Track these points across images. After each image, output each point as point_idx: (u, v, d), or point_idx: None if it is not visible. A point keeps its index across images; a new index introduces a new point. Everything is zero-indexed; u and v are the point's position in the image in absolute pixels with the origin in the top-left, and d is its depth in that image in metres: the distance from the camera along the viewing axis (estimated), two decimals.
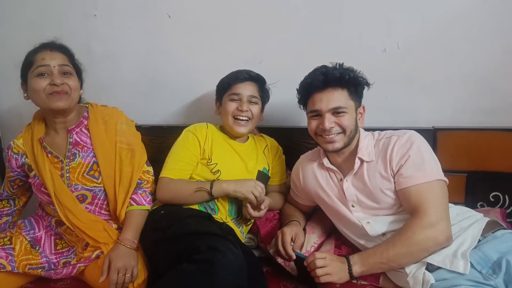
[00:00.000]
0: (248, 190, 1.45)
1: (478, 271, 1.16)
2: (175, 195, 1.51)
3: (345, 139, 1.37)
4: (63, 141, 1.49)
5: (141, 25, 1.92)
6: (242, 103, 1.57)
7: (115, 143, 1.51)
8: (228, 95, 1.60)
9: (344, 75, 1.36)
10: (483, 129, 1.73)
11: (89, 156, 1.48)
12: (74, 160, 1.47)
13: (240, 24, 1.85)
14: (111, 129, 1.52)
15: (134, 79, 1.99)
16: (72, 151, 1.47)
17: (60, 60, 1.41)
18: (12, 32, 2.01)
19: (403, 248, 1.22)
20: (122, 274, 1.31)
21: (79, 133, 1.50)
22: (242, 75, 1.59)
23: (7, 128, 2.15)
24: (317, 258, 1.25)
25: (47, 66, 1.37)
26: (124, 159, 1.51)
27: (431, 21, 1.74)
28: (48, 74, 1.38)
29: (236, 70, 1.64)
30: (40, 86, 1.37)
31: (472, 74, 1.76)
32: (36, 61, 1.39)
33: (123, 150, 1.52)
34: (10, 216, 1.63)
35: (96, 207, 1.50)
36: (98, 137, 1.49)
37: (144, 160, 1.57)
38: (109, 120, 1.54)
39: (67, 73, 1.41)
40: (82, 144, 1.49)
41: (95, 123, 1.51)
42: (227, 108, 1.59)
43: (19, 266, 1.40)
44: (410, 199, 1.27)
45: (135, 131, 1.60)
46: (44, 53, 1.40)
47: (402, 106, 1.83)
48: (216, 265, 1.13)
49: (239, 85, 1.59)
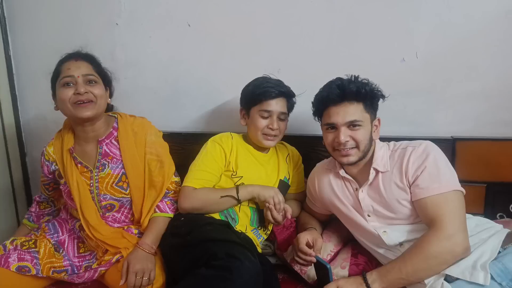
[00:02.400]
0: (271, 195, 1.49)
1: (498, 283, 1.14)
2: (201, 204, 1.50)
3: (359, 153, 1.37)
4: (93, 151, 1.51)
5: (162, 33, 1.96)
6: (273, 120, 1.56)
7: (145, 154, 1.52)
8: (258, 110, 1.56)
9: (361, 89, 1.35)
10: (502, 139, 1.71)
11: (118, 167, 1.50)
12: (103, 170, 1.49)
13: (259, 33, 1.88)
14: (141, 141, 1.53)
15: (156, 86, 2.03)
16: (101, 162, 1.49)
17: (85, 70, 1.43)
18: (40, 40, 2.07)
19: (421, 262, 1.21)
20: (140, 277, 1.34)
21: (109, 144, 1.51)
22: (273, 91, 1.55)
23: (32, 134, 2.22)
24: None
25: (71, 77, 1.40)
26: (153, 170, 1.53)
27: (452, 32, 1.73)
28: (73, 84, 1.40)
29: (263, 79, 1.60)
30: (66, 95, 1.40)
31: (493, 87, 1.74)
32: (62, 71, 1.42)
33: (152, 161, 1.53)
34: (51, 216, 1.69)
35: (122, 215, 1.54)
36: (128, 150, 1.50)
37: (172, 170, 1.59)
38: (139, 132, 1.55)
39: (92, 82, 1.44)
40: (111, 156, 1.50)
41: (125, 135, 1.52)
42: (257, 125, 1.57)
43: (43, 269, 1.44)
44: (427, 210, 1.26)
45: (163, 142, 1.61)
46: (69, 63, 1.43)
47: (421, 117, 1.82)
48: (233, 272, 1.14)
49: (271, 102, 1.55)
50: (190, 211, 1.51)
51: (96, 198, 1.48)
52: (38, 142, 2.12)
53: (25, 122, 2.21)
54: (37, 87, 2.10)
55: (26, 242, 1.50)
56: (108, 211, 1.51)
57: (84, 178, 1.49)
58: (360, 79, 1.39)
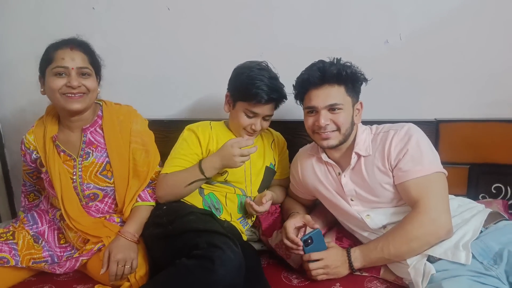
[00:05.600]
0: (236, 164, 1.40)
1: (480, 262, 1.16)
2: (172, 189, 1.47)
3: (340, 137, 1.36)
4: (76, 139, 1.48)
5: (142, 18, 1.92)
6: (257, 121, 1.52)
7: (129, 143, 1.50)
8: (245, 108, 1.50)
9: (342, 71, 1.33)
10: (485, 120, 1.71)
11: (103, 156, 1.48)
12: (87, 159, 1.47)
13: (241, 17, 1.85)
14: (126, 129, 1.51)
15: (137, 73, 1.99)
16: (85, 150, 1.47)
17: (80, 62, 1.39)
18: (12, 28, 2.00)
19: (404, 244, 1.22)
20: (122, 266, 1.32)
21: (93, 132, 1.49)
22: (264, 97, 1.46)
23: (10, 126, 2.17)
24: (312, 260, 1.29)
25: (65, 68, 1.37)
26: (138, 159, 1.51)
27: (435, 14, 1.72)
28: (66, 74, 1.37)
29: (257, 75, 1.48)
30: (56, 85, 1.37)
31: (476, 68, 1.74)
32: (56, 60, 1.37)
33: (137, 150, 1.51)
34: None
35: (106, 206, 1.52)
36: (112, 138, 1.48)
37: (157, 160, 1.57)
38: (124, 120, 1.52)
39: (86, 74, 1.41)
40: (96, 144, 1.48)
41: (110, 123, 1.50)
42: (240, 121, 1.52)
43: (23, 260, 1.41)
44: (410, 193, 1.27)
45: (149, 131, 1.59)
46: (64, 52, 1.38)
47: (404, 100, 1.81)
48: (215, 262, 1.13)
49: (260, 107, 1.49)
50: (165, 198, 1.50)
51: (79, 187, 1.46)
52: (17, 135, 2.06)
53: (2, 115, 2.15)
54: (13, 77, 2.05)
55: (4, 234, 1.46)
56: (92, 200, 1.49)
57: (67, 167, 1.46)
58: (343, 62, 1.37)
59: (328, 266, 1.29)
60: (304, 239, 1.31)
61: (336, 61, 1.37)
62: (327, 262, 1.29)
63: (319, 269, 1.29)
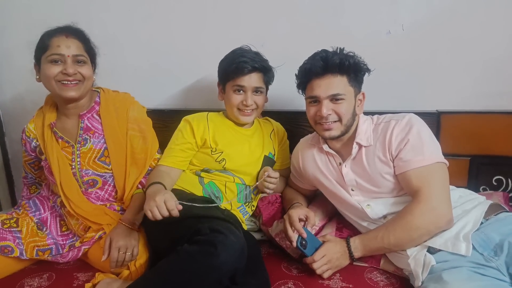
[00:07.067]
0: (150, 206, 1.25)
1: (480, 253, 1.16)
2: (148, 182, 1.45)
3: (341, 127, 1.35)
4: (74, 126, 1.49)
5: (141, 8, 1.90)
6: (247, 96, 1.52)
7: (127, 130, 1.50)
8: (232, 85, 1.53)
9: (344, 61, 1.32)
10: (487, 112, 1.71)
11: (101, 142, 1.48)
12: (85, 145, 1.47)
13: (243, 6, 1.83)
14: (122, 116, 1.51)
15: (135, 63, 1.98)
16: (83, 136, 1.47)
17: (75, 50, 1.39)
18: (11, 18, 1.99)
19: (404, 233, 1.23)
20: (123, 252, 1.33)
21: (91, 118, 1.49)
22: (247, 67, 1.49)
23: (10, 115, 2.16)
24: (316, 261, 1.29)
25: (61, 55, 1.36)
26: (135, 146, 1.51)
27: (438, 4, 1.70)
28: (61, 62, 1.37)
29: (239, 53, 1.53)
30: (52, 73, 1.37)
31: (478, 59, 1.73)
32: (51, 47, 1.37)
33: (134, 137, 1.51)
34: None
35: (106, 193, 1.52)
36: (109, 124, 1.48)
37: (156, 147, 1.57)
38: (121, 107, 1.52)
39: (81, 62, 1.40)
40: (93, 130, 1.49)
41: (107, 109, 1.50)
42: (231, 100, 1.54)
43: (27, 248, 1.41)
44: (411, 183, 1.26)
45: (146, 118, 1.59)
46: (59, 39, 1.38)
47: (406, 90, 1.80)
48: (218, 246, 1.13)
49: (244, 78, 1.51)
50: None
51: (78, 174, 1.46)
52: (17, 123, 2.07)
53: (2, 102, 2.14)
54: (12, 65, 2.03)
55: (7, 221, 1.46)
56: (91, 187, 1.49)
57: (66, 153, 1.47)
58: (346, 52, 1.36)
59: (330, 260, 1.29)
60: (300, 243, 1.31)
61: (339, 51, 1.36)
62: (328, 256, 1.29)
63: (323, 266, 1.29)
